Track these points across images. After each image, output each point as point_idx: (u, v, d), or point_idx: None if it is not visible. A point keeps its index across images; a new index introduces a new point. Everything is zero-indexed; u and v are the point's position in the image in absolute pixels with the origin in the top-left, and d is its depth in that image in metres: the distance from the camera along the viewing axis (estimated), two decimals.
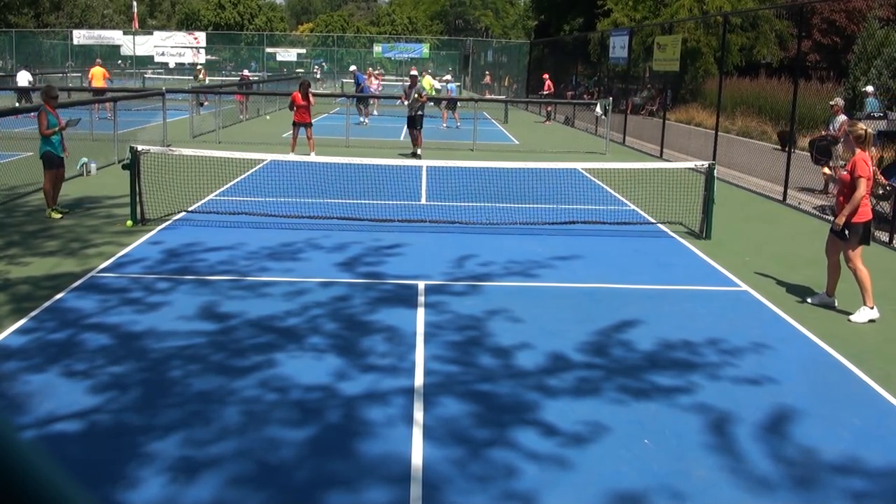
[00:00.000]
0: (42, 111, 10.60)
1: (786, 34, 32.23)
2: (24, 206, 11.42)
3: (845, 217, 7.26)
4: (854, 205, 7.23)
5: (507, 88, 47.21)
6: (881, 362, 6.26)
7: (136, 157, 10.26)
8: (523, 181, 13.34)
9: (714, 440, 4.81)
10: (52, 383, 5.30)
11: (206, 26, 70.94)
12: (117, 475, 4.18)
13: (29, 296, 7.23)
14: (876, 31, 22.35)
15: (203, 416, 4.89)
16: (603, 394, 5.43)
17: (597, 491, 4.19)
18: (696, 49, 30.15)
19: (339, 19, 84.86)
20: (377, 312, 7.02)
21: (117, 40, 57.23)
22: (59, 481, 0.58)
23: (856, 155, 7.37)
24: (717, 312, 7.42)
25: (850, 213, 7.25)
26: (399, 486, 4.16)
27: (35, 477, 0.57)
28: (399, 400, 5.21)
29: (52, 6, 67.26)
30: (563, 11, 44.61)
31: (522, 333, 6.57)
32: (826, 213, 12.52)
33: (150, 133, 19.26)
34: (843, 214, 7.28)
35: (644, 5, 34.28)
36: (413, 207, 11.79)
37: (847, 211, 7.25)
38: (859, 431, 5.00)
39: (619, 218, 11.47)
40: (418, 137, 18.03)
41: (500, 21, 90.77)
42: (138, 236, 9.66)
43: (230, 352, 5.99)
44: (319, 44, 72.47)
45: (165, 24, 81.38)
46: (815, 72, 31.08)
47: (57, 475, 0.58)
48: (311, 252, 9.13)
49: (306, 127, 17.01)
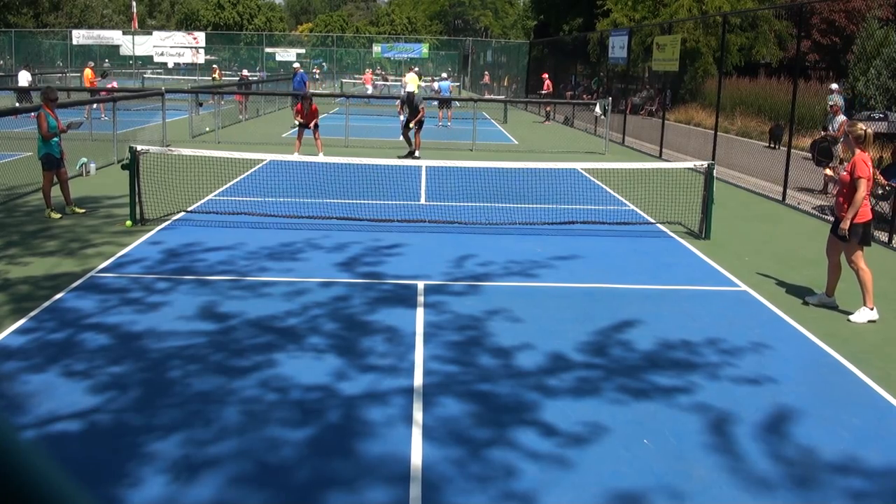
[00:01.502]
0: (41, 113, 10.60)
1: (785, 34, 32.25)
2: (24, 206, 11.42)
3: (849, 221, 7.23)
4: (856, 207, 7.21)
5: (507, 88, 47.22)
6: (881, 362, 6.26)
7: (136, 157, 10.26)
8: (523, 181, 13.34)
9: (714, 440, 4.81)
10: (52, 383, 5.30)
11: (206, 26, 70.95)
12: (117, 475, 4.18)
13: (29, 296, 7.22)
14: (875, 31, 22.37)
15: (203, 416, 4.89)
16: (603, 394, 5.43)
17: (597, 491, 4.19)
18: (695, 49, 30.16)
19: (339, 19, 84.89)
20: (377, 312, 7.01)
21: (116, 40, 57.26)
22: (59, 481, 0.58)
23: (855, 155, 7.35)
24: (716, 312, 7.42)
25: (853, 215, 7.23)
26: (399, 486, 4.16)
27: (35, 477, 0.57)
28: (399, 400, 5.21)
29: (52, 6, 67.25)
30: (563, 11, 44.63)
31: (522, 333, 6.57)
32: (825, 213, 12.52)
33: (149, 133, 19.26)
34: (847, 218, 7.23)
35: (643, 5, 34.28)
36: (412, 207, 11.79)
37: (850, 214, 7.22)
38: (859, 431, 5.00)
39: (619, 218, 11.47)
40: (416, 138, 18.02)
41: (500, 21, 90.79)
42: (138, 236, 9.66)
43: (230, 352, 5.99)
44: (319, 44, 72.47)
45: (165, 24, 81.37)
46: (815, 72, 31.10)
47: (57, 475, 0.58)
48: (311, 252, 9.13)
49: (313, 128, 17.01)
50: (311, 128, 16.98)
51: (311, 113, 16.96)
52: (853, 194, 7.25)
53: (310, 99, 17.43)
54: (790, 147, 14.42)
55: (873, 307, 7.30)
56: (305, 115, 17.02)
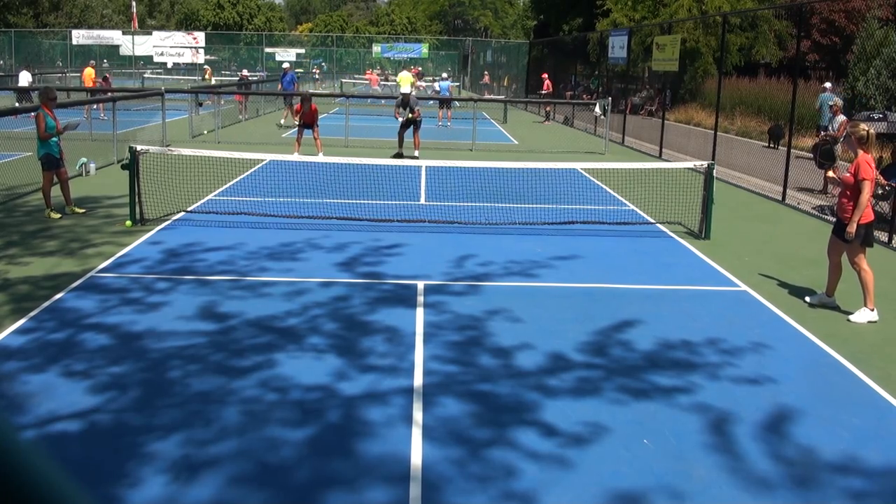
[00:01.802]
0: (40, 113, 10.59)
1: (785, 34, 32.24)
2: (24, 206, 11.42)
3: (855, 224, 7.21)
4: (861, 208, 7.18)
5: (507, 88, 47.23)
6: (881, 362, 6.26)
7: (136, 157, 10.26)
8: (522, 181, 13.34)
9: (714, 440, 4.81)
10: (52, 383, 5.30)
11: (206, 26, 70.94)
12: (117, 475, 4.18)
13: (28, 296, 7.22)
14: (875, 31, 22.37)
15: (203, 416, 4.89)
16: (603, 394, 5.43)
17: (597, 491, 4.19)
18: (695, 49, 30.15)
19: (339, 19, 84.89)
20: (377, 312, 7.01)
21: (116, 40, 57.25)
22: (59, 481, 0.58)
23: (858, 157, 7.31)
24: (716, 312, 7.42)
25: (858, 218, 7.20)
26: (398, 486, 4.16)
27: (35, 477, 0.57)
28: (398, 400, 5.21)
29: (52, 6, 67.26)
30: (563, 11, 44.61)
31: (522, 333, 6.57)
32: (825, 213, 12.53)
33: (149, 133, 19.26)
34: (853, 221, 7.19)
35: (643, 5, 34.27)
36: (412, 207, 11.79)
37: (856, 216, 7.19)
38: (859, 431, 5.00)
39: (619, 218, 11.47)
40: (415, 138, 18.01)
41: (500, 21, 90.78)
42: (138, 236, 9.66)
43: (230, 352, 5.98)
44: (318, 44, 72.47)
45: (164, 24, 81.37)
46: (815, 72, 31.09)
47: (57, 475, 0.58)
48: (311, 252, 9.13)
49: (313, 128, 17.02)
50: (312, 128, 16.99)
51: (310, 113, 16.98)
52: (857, 196, 7.22)
53: (310, 99, 17.44)
54: (790, 147, 14.43)
55: (874, 308, 7.30)
56: (305, 115, 17.03)
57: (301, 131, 17.17)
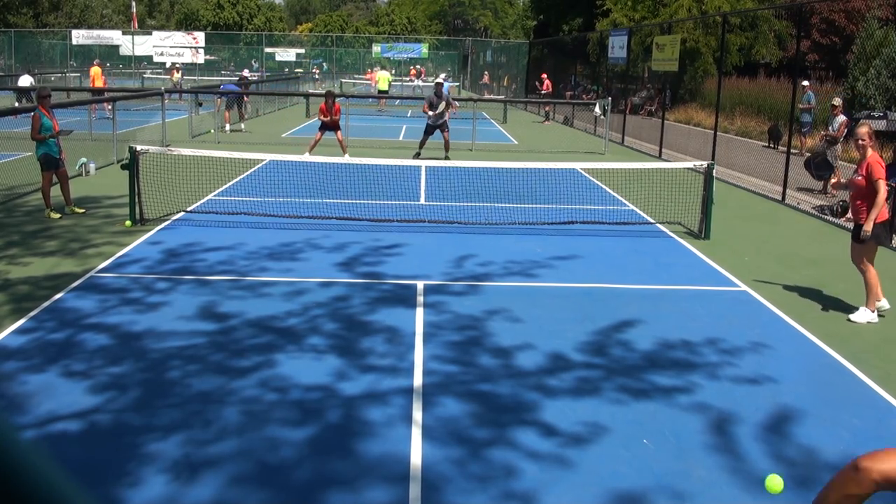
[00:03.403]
0: (35, 114, 10.57)
1: (785, 34, 32.22)
2: (24, 206, 11.42)
3: (872, 222, 7.11)
4: (879, 207, 7.10)
5: (507, 88, 47.22)
6: (881, 362, 6.26)
7: (136, 157, 10.26)
8: (522, 181, 13.35)
9: (714, 440, 4.81)
10: (52, 383, 5.30)
11: (205, 26, 70.92)
12: (117, 475, 4.18)
13: (28, 296, 7.22)
14: (875, 31, 22.37)
15: (203, 416, 4.89)
16: (602, 394, 5.43)
17: (596, 491, 4.19)
18: (695, 49, 30.13)
19: (338, 19, 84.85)
20: (376, 312, 7.01)
21: (116, 40, 57.22)
22: (59, 481, 0.58)
23: (868, 157, 7.22)
24: (716, 312, 7.42)
25: (875, 217, 7.13)
26: (398, 486, 4.16)
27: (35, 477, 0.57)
28: (398, 400, 5.21)
29: (51, 6, 67.25)
30: (562, 11, 44.57)
31: (522, 333, 6.57)
32: (825, 213, 12.52)
33: (149, 133, 19.25)
34: (870, 220, 7.08)
35: (643, 5, 34.25)
36: (412, 207, 11.79)
37: (873, 215, 7.09)
38: (859, 431, 5.00)
39: (618, 218, 11.47)
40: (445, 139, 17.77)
41: (499, 21, 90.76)
42: (137, 236, 9.66)
43: (230, 352, 5.98)
44: (318, 44, 72.46)
45: (164, 24, 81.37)
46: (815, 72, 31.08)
47: (57, 475, 0.58)
48: (311, 252, 9.13)
49: (335, 130, 16.80)
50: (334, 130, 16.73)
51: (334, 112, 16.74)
52: (872, 197, 7.13)
53: (333, 98, 17.21)
54: (790, 147, 14.42)
55: (874, 309, 7.29)
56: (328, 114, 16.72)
57: (321, 133, 16.81)
